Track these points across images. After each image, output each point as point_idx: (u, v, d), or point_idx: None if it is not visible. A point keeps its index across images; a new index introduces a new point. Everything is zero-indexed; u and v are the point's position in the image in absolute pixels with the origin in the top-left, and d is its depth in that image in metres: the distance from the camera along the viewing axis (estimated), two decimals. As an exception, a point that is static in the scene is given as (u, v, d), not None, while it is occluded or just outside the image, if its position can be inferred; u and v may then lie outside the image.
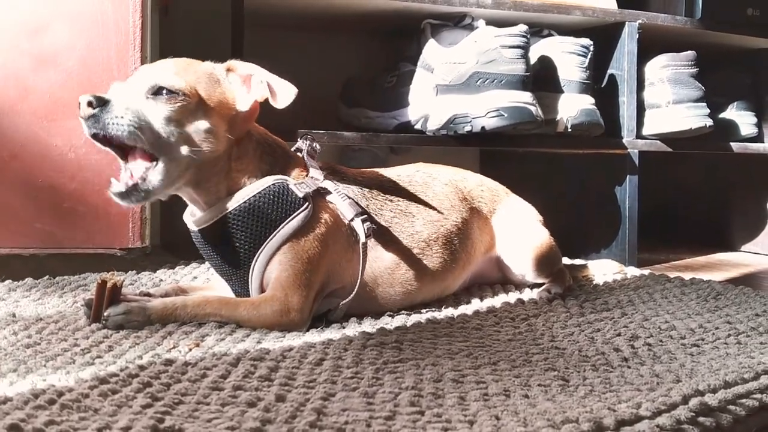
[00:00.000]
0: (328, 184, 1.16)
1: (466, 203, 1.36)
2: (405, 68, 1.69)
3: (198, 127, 1.07)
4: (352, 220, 1.14)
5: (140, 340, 0.98)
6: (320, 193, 1.15)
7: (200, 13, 1.82)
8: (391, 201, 1.25)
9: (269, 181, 1.12)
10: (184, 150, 1.06)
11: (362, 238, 1.14)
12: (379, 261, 1.20)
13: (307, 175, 1.16)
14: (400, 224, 1.24)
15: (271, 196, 1.11)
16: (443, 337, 1.07)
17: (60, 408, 0.72)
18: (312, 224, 1.12)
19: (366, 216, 1.15)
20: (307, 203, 1.12)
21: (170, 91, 1.04)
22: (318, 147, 1.22)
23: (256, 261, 1.11)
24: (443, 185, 1.35)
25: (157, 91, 1.05)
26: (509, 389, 0.84)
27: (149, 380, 0.82)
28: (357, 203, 1.17)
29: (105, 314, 1.04)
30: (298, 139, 1.24)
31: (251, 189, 1.11)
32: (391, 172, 1.32)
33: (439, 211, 1.30)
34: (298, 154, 1.21)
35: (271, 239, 1.10)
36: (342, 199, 1.15)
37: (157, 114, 1.05)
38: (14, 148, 1.36)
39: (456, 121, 1.59)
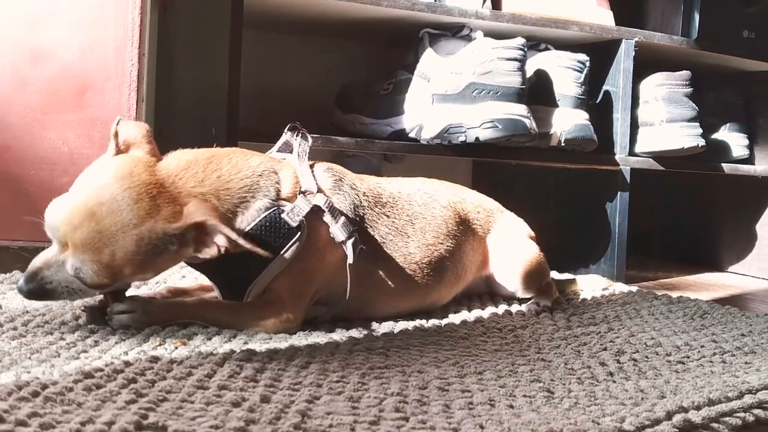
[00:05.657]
0: (321, 201, 1.10)
1: (463, 226, 1.34)
2: (402, 76, 1.69)
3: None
4: (343, 242, 1.11)
5: (126, 336, 0.98)
6: (314, 210, 1.10)
7: (199, 13, 1.82)
8: (387, 216, 1.22)
9: (261, 212, 1.06)
10: None
11: (350, 259, 1.11)
12: (368, 276, 1.18)
13: (299, 190, 1.11)
14: (394, 243, 1.21)
15: (264, 231, 1.06)
16: (430, 345, 1.07)
17: (43, 400, 0.72)
18: (309, 243, 1.09)
19: (356, 238, 1.12)
20: (300, 232, 1.08)
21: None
22: (309, 145, 1.16)
23: (253, 286, 1.09)
24: (442, 208, 1.31)
25: None
26: (494, 399, 0.84)
27: (134, 376, 0.82)
28: (350, 219, 1.14)
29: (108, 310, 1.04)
30: (287, 132, 1.18)
31: (243, 222, 1.05)
32: (392, 187, 1.28)
33: (435, 236, 1.27)
34: (284, 158, 1.15)
35: (268, 269, 1.07)
36: (335, 219, 1.11)
37: None
38: (7, 140, 1.35)
39: (451, 130, 1.59)
